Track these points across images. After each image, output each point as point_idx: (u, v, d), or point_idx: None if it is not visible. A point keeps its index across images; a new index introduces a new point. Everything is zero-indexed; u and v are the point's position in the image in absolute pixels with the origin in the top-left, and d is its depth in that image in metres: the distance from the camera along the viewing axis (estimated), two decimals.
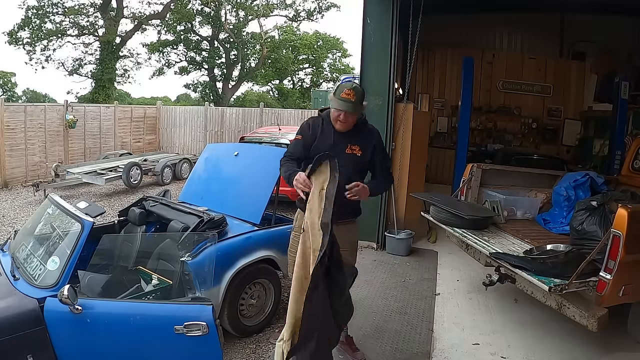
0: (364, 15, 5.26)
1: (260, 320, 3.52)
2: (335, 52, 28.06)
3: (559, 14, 8.70)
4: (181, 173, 10.22)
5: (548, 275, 2.87)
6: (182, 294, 2.77)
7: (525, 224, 4.27)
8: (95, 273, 2.98)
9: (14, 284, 2.40)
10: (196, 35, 23.04)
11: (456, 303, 3.96)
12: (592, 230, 3.24)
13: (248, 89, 29.25)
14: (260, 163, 4.05)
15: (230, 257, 3.20)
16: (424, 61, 9.25)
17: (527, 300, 3.60)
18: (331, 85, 23.92)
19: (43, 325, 2.17)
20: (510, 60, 9.15)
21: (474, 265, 4.22)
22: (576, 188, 4.18)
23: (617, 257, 2.68)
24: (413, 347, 3.22)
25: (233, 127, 12.90)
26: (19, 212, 7.13)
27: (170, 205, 3.73)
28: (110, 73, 18.85)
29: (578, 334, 3.23)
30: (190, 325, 2.17)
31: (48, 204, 2.99)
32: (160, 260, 3.07)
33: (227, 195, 3.92)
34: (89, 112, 11.13)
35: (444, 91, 9.51)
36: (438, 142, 9.32)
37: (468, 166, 4.61)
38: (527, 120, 9.23)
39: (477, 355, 3.12)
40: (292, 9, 23.30)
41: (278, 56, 24.37)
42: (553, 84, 9.02)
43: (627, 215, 2.69)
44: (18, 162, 9.14)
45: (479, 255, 3.65)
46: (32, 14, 18.26)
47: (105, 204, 7.80)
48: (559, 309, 2.92)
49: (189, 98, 29.83)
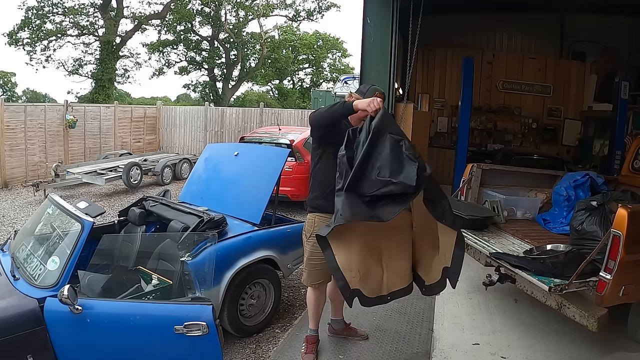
0: (364, 15, 5.26)
1: (260, 320, 3.52)
2: (335, 52, 28.10)
3: (559, 14, 8.71)
4: (181, 173, 10.22)
5: (548, 275, 2.87)
6: (182, 294, 2.77)
7: (525, 224, 4.27)
8: (95, 273, 2.98)
9: (14, 284, 2.40)
10: (196, 35, 23.08)
11: (456, 303, 3.95)
12: (592, 230, 3.24)
13: (248, 89, 29.33)
14: (260, 163, 4.05)
15: (230, 257, 3.20)
16: (424, 61, 9.24)
17: (527, 300, 3.60)
18: (331, 85, 23.90)
19: (43, 325, 2.17)
20: (510, 60, 9.15)
21: (474, 265, 4.21)
22: (576, 188, 4.18)
23: (617, 257, 2.68)
24: (413, 347, 3.22)
25: (233, 127, 12.91)
26: (19, 212, 7.13)
27: (170, 205, 3.73)
28: (110, 73, 18.85)
29: (578, 334, 3.22)
30: (190, 325, 2.17)
31: (48, 204, 2.99)
32: (160, 260, 3.07)
33: (227, 195, 3.92)
34: (89, 112, 11.13)
35: (444, 91, 9.50)
36: (438, 142, 9.32)
37: (468, 166, 4.60)
38: (527, 120, 9.22)
39: (477, 355, 3.12)
40: (292, 9, 23.35)
41: (278, 56, 24.39)
42: (553, 84, 9.01)
43: (627, 215, 2.68)
44: (18, 162, 9.14)
45: (479, 255, 3.64)
46: (32, 15, 18.27)
47: (105, 204, 7.80)
48: (559, 309, 2.92)
49: (189, 98, 29.87)
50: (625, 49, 8.22)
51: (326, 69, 28.16)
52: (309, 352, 2.98)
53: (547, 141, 9.10)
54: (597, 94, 8.56)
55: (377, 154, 2.24)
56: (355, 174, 2.21)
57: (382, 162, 2.22)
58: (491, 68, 9.09)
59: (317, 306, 2.93)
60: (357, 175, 2.22)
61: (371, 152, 2.24)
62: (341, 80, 17.25)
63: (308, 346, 3.00)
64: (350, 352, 3.11)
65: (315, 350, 3.01)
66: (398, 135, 2.29)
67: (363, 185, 2.23)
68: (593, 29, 8.28)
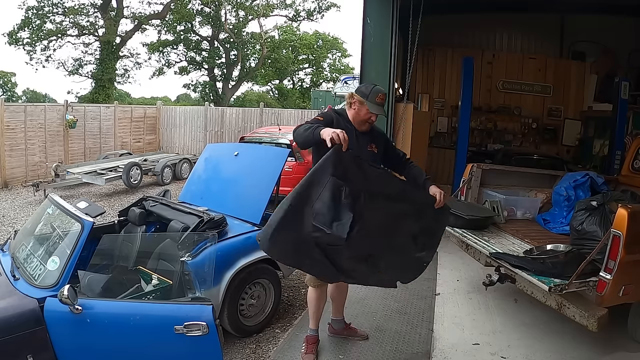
0: (364, 15, 5.26)
1: (260, 320, 3.52)
2: (335, 52, 28.10)
3: (559, 14, 8.70)
4: (181, 173, 10.22)
5: (548, 275, 2.87)
6: (182, 294, 2.77)
7: (525, 224, 4.27)
8: (95, 273, 2.98)
9: (14, 284, 2.41)
10: (196, 35, 23.08)
11: (456, 303, 3.95)
12: (592, 230, 3.24)
13: (248, 89, 29.33)
14: (260, 163, 4.05)
15: (230, 257, 3.20)
16: (424, 61, 9.23)
17: (527, 300, 3.60)
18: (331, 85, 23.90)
19: (43, 325, 2.17)
20: (510, 60, 9.13)
21: (474, 265, 4.21)
22: (576, 188, 4.18)
23: (617, 257, 2.68)
24: (413, 347, 3.22)
25: (233, 127, 12.91)
26: (19, 212, 7.13)
27: (170, 205, 3.73)
28: (110, 73, 18.85)
29: (578, 334, 3.22)
30: (190, 325, 2.17)
31: (48, 204, 2.99)
32: (160, 260, 3.07)
33: (227, 195, 3.92)
34: (89, 112, 11.14)
35: (444, 91, 9.48)
36: (438, 142, 9.31)
37: (468, 166, 4.60)
38: (527, 120, 9.21)
39: (477, 355, 3.12)
40: (292, 9, 23.36)
41: (278, 56, 24.39)
42: (553, 84, 9.00)
43: (627, 215, 2.69)
44: (18, 162, 9.15)
45: (479, 255, 3.65)
46: (32, 14, 18.27)
47: (105, 204, 7.80)
48: (559, 309, 2.92)
49: (189, 98, 29.86)
50: (625, 49, 8.21)
51: (326, 69, 28.18)
52: (309, 352, 2.98)
53: (547, 141, 9.09)
54: (597, 94, 8.54)
55: (317, 193, 2.10)
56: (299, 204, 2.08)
57: (319, 205, 2.08)
58: (491, 68, 9.08)
59: (317, 306, 2.93)
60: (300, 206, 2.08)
61: (311, 189, 2.11)
62: (341, 80, 17.22)
63: (308, 346, 3.00)
64: (350, 352, 3.11)
65: (315, 350, 3.02)
66: (343, 178, 2.13)
67: (303, 218, 2.09)
68: (593, 29, 8.27)
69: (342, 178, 2.14)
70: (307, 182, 2.11)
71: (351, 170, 2.19)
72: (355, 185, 2.18)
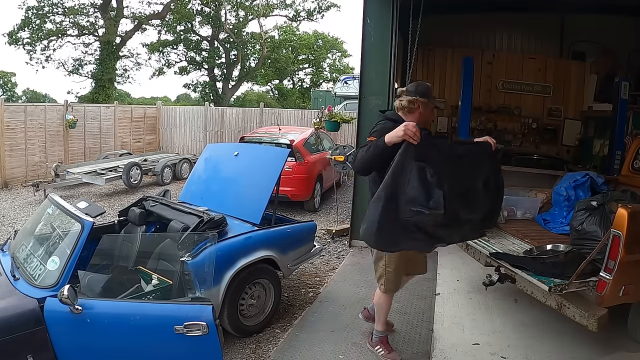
0: (364, 15, 5.26)
1: (260, 320, 3.52)
2: (335, 52, 28.11)
3: (559, 14, 8.70)
4: (181, 173, 10.22)
5: (548, 275, 2.87)
6: (182, 294, 2.77)
7: (525, 224, 4.27)
8: (95, 273, 2.98)
9: (14, 284, 2.41)
10: (196, 35, 23.08)
11: (456, 303, 3.96)
12: (592, 230, 3.24)
13: (248, 89, 29.34)
14: (260, 163, 4.06)
15: (230, 257, 3.20)
16: (424, 61, 9.23)
17: (527, 300, 3.60)
18: (331, 85, 23.91)
19: (43, 325, 2.17)
20: (510, 60, 9.13)
21: (474, 265, 4.21)
22: (576, 188, 4.18)
23: (617, 257, 2.68)
24: (413, 347, 3.22)
25: (233, 127, 12.90)
26: (19, 212, 7.12)
27: (170, 205, 3.73)
28: (110, 73, 18.86)
29: (578, 334, 3.22)
30: (190, 325, 2.17)
31: (48, 204, 2.99)
32: (160, 260, 3.07)
33: (227, 195, 3.92)
34: (89, 112, 11.13)
35: (444, 91, 9.48)
36: None
37: None
38: (527, 120, 9.20)
39: (477, 355, 3.12)
40: (292, 9, 23.36)
41: (278, 56, 24.40)
42: (553, 84, 9.00)
43: (627, 215, 2.69)
44: (18, 162, 9.14)
45: (479, 255, 3.65)
46: (32, 14, 18.27)
47: (105, 204, 7.80)
48: (559, 309, 2.92)
49: (189, 98, 29.88)
50: (625, 49, 8.21)
51: (326, 69, 28.20)
52: (391, 351, 3.03)
53: (547, 141, 9.08)
54: (597, 94, 8.54)
55: (405, 181, 2.27)
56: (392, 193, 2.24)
57: (412, 192, 2.24)
58: (491, 68, 9.08)
59: (387, 310, 3.04)
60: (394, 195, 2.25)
61: (398, 178, 2.27)
62: (341, 80, 17.21)
63: (386, 346, 3.05)
64: (351, 352, 3.12)
65: (392, 347, 3.07)
66: (424, 159, 2.29)
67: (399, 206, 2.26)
68: (593, 29, 8.27)
69: (423, 160, 2.28)
70: (392, 174, 2.26)
71: (426, 149, 2.32)
72: (434, 160, 2.31)
